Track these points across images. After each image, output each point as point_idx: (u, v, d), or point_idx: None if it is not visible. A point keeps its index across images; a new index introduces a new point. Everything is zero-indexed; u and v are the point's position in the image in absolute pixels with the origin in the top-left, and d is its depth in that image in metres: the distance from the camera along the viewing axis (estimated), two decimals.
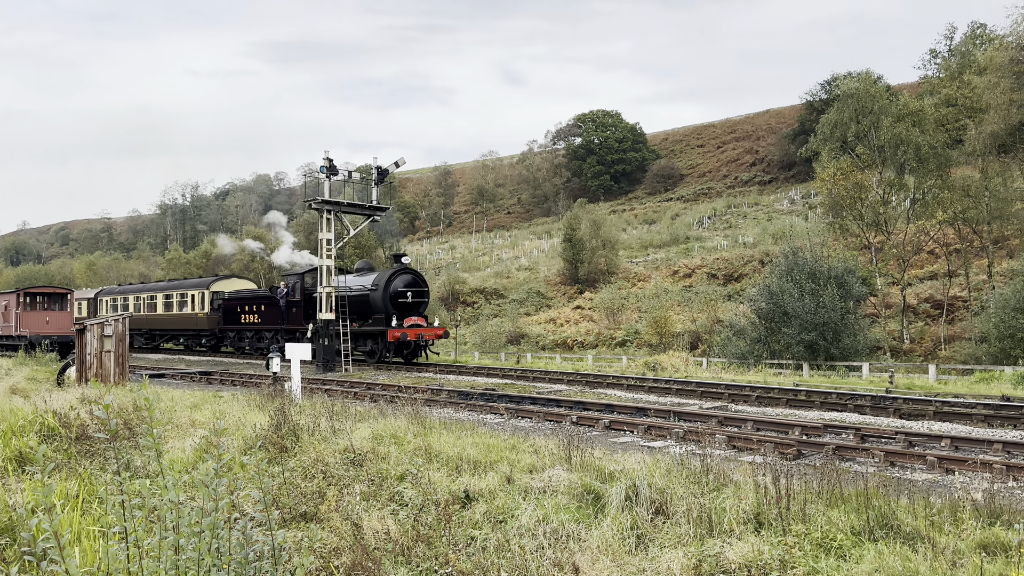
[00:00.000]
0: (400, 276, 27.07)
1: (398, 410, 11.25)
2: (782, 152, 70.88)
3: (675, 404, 15.01)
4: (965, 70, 37.59)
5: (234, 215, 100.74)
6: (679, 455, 7.83)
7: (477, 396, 16.35)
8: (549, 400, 15.46)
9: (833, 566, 4.99)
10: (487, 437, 9.86)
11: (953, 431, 10.98)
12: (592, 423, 12.70)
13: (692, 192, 74.06)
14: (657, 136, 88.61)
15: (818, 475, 6.64)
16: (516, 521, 6.45)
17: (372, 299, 26.97)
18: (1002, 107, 29.59)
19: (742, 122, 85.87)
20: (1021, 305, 22.59)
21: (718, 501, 6.22)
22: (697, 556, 5.22)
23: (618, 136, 77.98)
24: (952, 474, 8.31)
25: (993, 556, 5.13)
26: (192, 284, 39.13)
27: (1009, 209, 30.44)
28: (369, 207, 26.72)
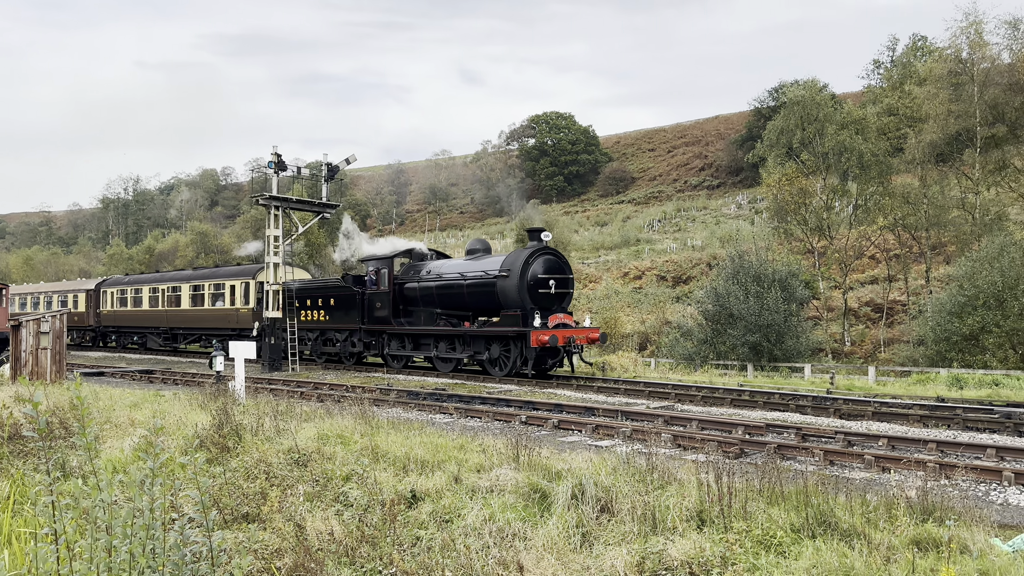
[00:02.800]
0: (540, 258, 20.47)
1: (345, 410, 11.12)
2: (730, 157, 72.17)
3: (623, 404, 15.14)
4: (906, 81, 38.79)
5: (179, 210, 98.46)
6: (625, 454, 7.90)
7: (427, 396, 16.27)
8: (499, 400, 15.46)
9: (773, 563, 5.09)
10: (436, 437, 9.81)
11: (890, 431, 11.31)
12: (541, 422, 12.73)
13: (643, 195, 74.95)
14: (610, 139, 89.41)
15: (759, 474, 6.77)
16: (462, 520, 6.42)
17: (502, 289, 20.37)
18: (940, 117, 30.59)
19: (692, 127, 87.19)
20: (956, 309, 23.38)
21: (662, 499, 6.29)
22: (641, 554, 5.26)
23: (571, 138, 78.47)
24: (888, 472, 8.55)
25: (925, 552, 5.29)
26: (230, 273, 32.06)
27: (946, 216, 31.48)
28: (319, 204, 26.36)
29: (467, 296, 21.52)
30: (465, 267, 22.08)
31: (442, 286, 22.26)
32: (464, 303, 21.83)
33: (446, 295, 22.13)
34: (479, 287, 21.13)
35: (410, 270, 23.73)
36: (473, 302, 21.53)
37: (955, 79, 30.93)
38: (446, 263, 23.12)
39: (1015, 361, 21.82)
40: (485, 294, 20.95)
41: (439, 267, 22.93)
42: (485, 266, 21.35)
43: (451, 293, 21.98)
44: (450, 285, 22.02)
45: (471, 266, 21.91)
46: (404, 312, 23.57)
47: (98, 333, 41.22)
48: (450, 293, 22.01)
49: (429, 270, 22.94)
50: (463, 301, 21.77)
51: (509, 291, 20.11)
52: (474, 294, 21.31)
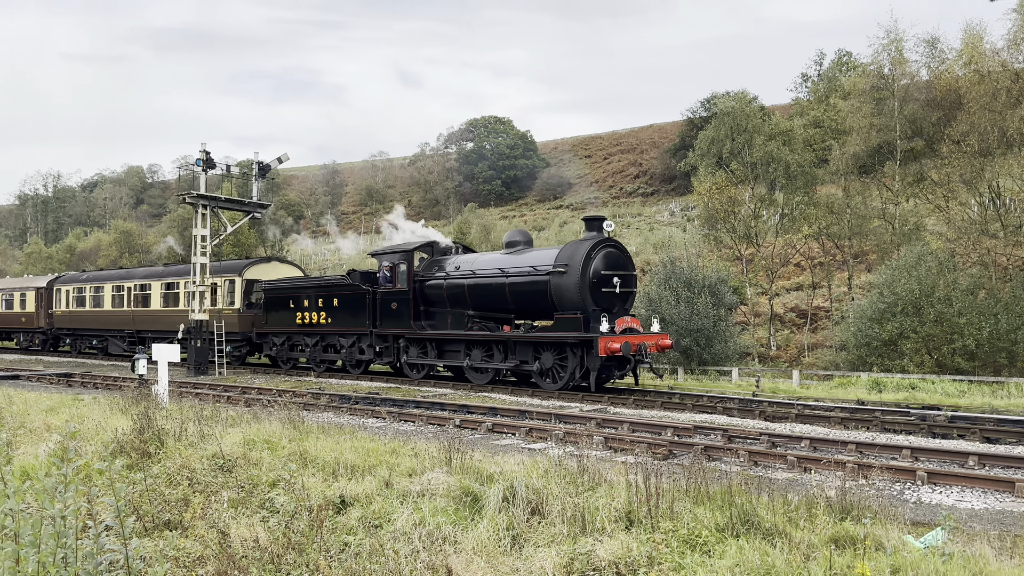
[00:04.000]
0: (602, 251, 17.59)
1: (274, 415, 10.89)
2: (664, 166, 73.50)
3: (557, 407, 15.24)
4: (831, 94, 40.19)
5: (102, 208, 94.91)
6: (558, 456, 7.95)
7: (359, 400, 16.05)
8: (433, 404, 15.37)
9: (698, 562, 5.18)
10: (367, 441, 9.71)
11: (812, 432, 11.67)
12: (475, 426, 12.71)
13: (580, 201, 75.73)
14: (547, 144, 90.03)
15: (687, 474, 6.89)
16: (392, 525, 6.36)
17: (557, 287, 17.47)
18: (863, 130, 31.76)
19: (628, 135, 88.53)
20: (876, 316, 24.28)
21: (592, 500, 6.35)
22: (570, 555, 5.30)
23: (509, 143, 78.73)
24: (810, 473, 8.82)
25: (843, 549, 5.47)
26: (213, 270, 27.45)
27: (868, 226, 32.68)
28: (249, 203, 25.78)
29: (509, 295, 18.55)
30: (506, 262, 18.93)
31: (477, 284, 19.27)
32: (504, 304, 18.89)
33: (481, 294, 19.21)
34: (525, 285, 18.20)
35: (432, 266, 20.76)
36: (516, 302, 18.65)
37: (877, 94, 32.18)
38: (480, 257, 20.26)
39: (930, 366, 22.79)
40: (533, 293, 18.09)
41: (471, 262, 19.98)
42: (532, 260, 18.33)
43: (488, 292, 19.04)
44: (487, 283, 19.02)
45: (514, 261, 18.76)
46: (425, 314, 20.72)
47: (49, 336, 36.70)
48: (487, 292, 19.08)
49: (458, 265, 19.98)
50: (503, 301, 18.82)
51: (567, 290, 17.22)
52: (519, 293, 18.39)
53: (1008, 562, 5.28)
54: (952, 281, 24.08)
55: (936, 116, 30.86)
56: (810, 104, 44.59)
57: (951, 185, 29.98)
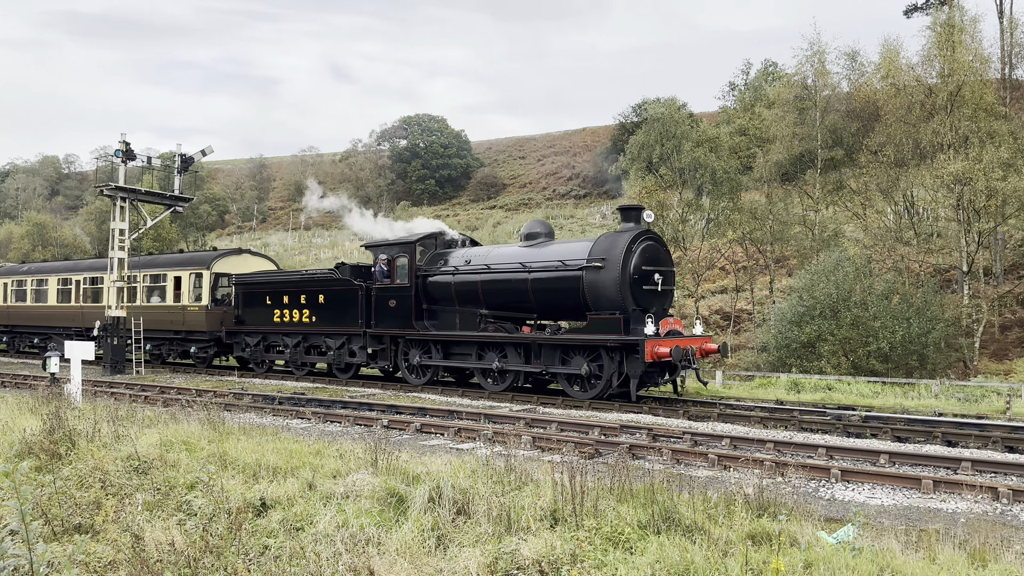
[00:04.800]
0: (642, 244, 16.00)
1: (193, 415, 10.57)
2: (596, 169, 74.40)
3: (487, 407, 15.25)
4: (757, 103, 41.41)
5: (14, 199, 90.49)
6: (485, 456, 7.95)
7: (284, 400, 15.72)
8: (361, 404, 15.18)
9: (620, 558, 5.25)
10: (290, 443, 9.52)
11: (733, 431, 11.97)
12: (404, 426, 12.61)
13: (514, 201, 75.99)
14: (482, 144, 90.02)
15: (611, 473, 6.99)
16: (314, 528, 6.24)
17: (591, 284, 15.83)
18: (786, 139, 32.81)
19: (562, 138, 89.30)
20: (796, 319, 25.10)
21: (518, 500, 6.36)
22: (494, 554, 5.29)
23: (443, 141, 78.39)
24: (730, 471, 9.05)
25: (760, 545, 5.61)
26: (175, 262, 25.91)
27: (789, 232, 33.77)
28: (170, 197, 24.94)
29: (532, 293, 16.85)
30: (527, 256, 17.18)
31: (492, 280, 17.47)
32: (525, 302, 17.18)
33: (497, 291, 17.45)
34: (552, 282, 16.51)
35: (437, 259, 18.91)
36: (541, 301, 16.95)
37: (800, 104, 33.29)
38: (494, 250, 18.43)
39: (847, 367, 23.67)
40: (561, 291, 16.40)
41: (483, 255, 18.16)
42: (561, 254, 16.63)
43: (506, 289, 17.28)
44: (505, 279, 17.24)
45: (536, 255, 17.06)
46: (428, 313, 18.94)
47: None
48: (504, 289, 17.32)
49: (468, 259, 18.21)
50: (523, 299, 17.12)
51: (604, 287, 15.59)
52: (544, 291, 16.68)
53: (913, 556, 5.51)
54: (868, 286, 25.09)
55: (855, 127, 32.14)
56: (736, 112, 45.84)
57: (868, 194, 31.29)
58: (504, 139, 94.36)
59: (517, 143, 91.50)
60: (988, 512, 7.38)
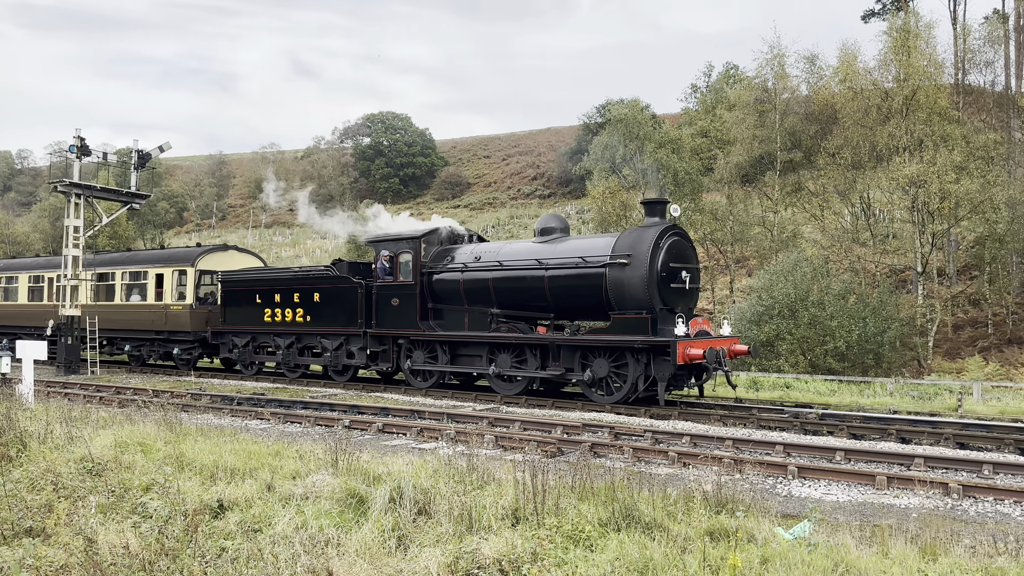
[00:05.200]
0: (670, 239, 15.21)
1: (149, 416, 10.38)
2: (561, 169, 74.67)
3: (450, 406, 15.21)
4: (718, 105, 41.91)
5: None
6: (448, 456, 7.93)
7: (243, 401, 15.51)
8: (322, 404, 15.04)
9: (580, 556, 5.27)
10: (249, 444, 9.40)
11: (693, 429, 12.10)
12: (366, 426, 12.52)
13: (478, 201, 75.92)
14: (446, 143, 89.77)
15: (573, 471, 7.02)
16: (272, 529, 6.17)
17: (615, 282, 15.00)
18: (746, 141, 33.30)
19: (526, 137, 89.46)
20: (756, 318, 25.46)
21: (480, 499, 6.36)
22: (455, 553, 5.28)
23: (407, 140, 78.00)
24: (689, 468, 9.14)
25: (717, 541, 5.68)
26: (157, 258, 24.29)
27: (749, 232, 34.26)
28: (127, 193, 24.42)
29: (549, 291, 15.99)
30: (543, 252, 16.33)
31: (505, 278, 16.57)
32: (541, 301, 16.32)
33: (511, 289, 16.55)
34: (572, 279, 15.66)
35: (443, 256, 17.89)
36: (559, 299, 16.08)
37: (760, 107, 33.80)
38: (506, 246, 17.43)
39: (804, 366, 24.08)
40: (582, 289, 15.56)
41: (494, 251, 17.26)
42: (581, 250, 15.76)
43: (520, 287, 16.40)
44: (519, 276, 16.37)
45: (553, 251, 16.20)
46: (434, 312, 17.91)
47: None
48: (518, 287, 16.43)
49: (478, 255, 17.25)
50: (539, 298, 16.25)
51: (630, 285, 14.78)
52: (563, 288, 15.83)
53: (867, 550, 5.62)
54: (825, 286, 25.55)
55: (814, 129, 32.72)
56: (698, 114, 46.32)
57: (826, 195, 31.87)
58: (469, 138, 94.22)
59: (482, 142, 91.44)
60: (939, 507, 7.56)
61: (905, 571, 5.05)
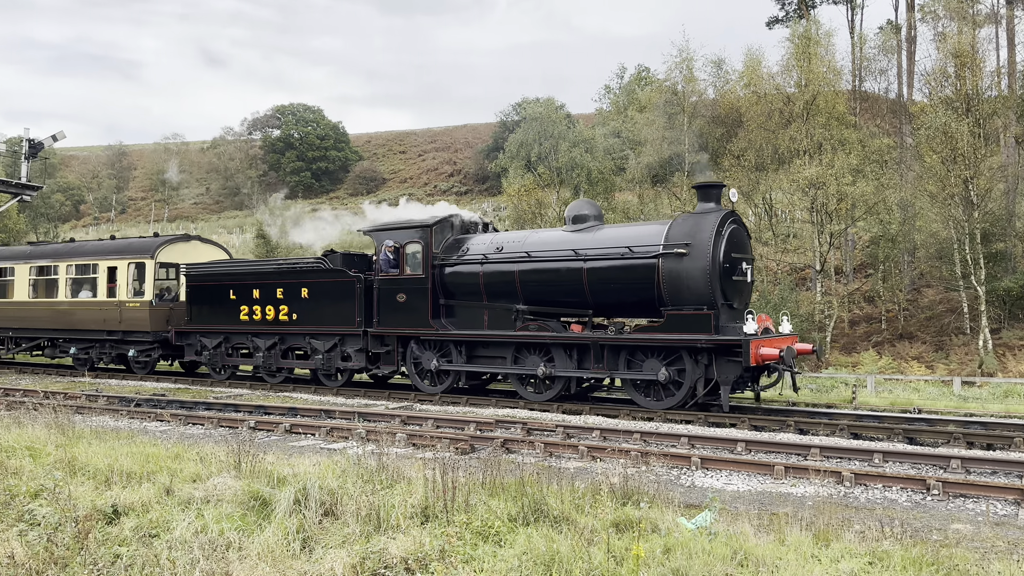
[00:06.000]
0: (730, 226, 13.80)
1: (39, 419, 9.83)
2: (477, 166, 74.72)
3: (362, 405, 15.00)
4: (630, 107, 42.79)
5: None
6: (357, 455, 7.82)
7: (143, 402, 14.88)
8: (227, 405, 14.58)
9: (489, 552, 5.29)
10: (147, 446, 9.05)
11: (603, 423, 12.32)
12: (272, 427, 12.22)
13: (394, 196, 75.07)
14: (361, 137, 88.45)
15: (483, 467, 7.03)
16: (171, 534, 5.94)
17: (670, 274, 13.52)
18: (656, 142, 34.13)
19: (443, 133, 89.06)
20: None
21: (389, 498, 6.30)
22: (362, 554, 5.22)
23: (320, 133, 76.40)
24: (598, 461, 9.30)
25: (623, 532, 5.81)
26: (111, 250, 21.87)
27: None
28: (17, 184, 23.06)
29: (588, 285, 14.36)
30: (579, 241, 14.72)
31: (535, 270, 14.93)
32: (577, 296, 14.62)
33: (541, 283, 14.95)
34: (616, 272, 14.07)
35: (455, 247, 16.18)
36: (599, 294, 14.41)
37: (670, 109, 34.70)
38: (532, 235, 15.81)
39: None
40: (629, 282, 14.00)
41: (519, 241, 15.57)
42: (624, 238, 14.19)
43: (553, 281, 14.81)
44: (552, 268, 14.75)
45: (591, 240, 14.63)
46: (446, 309, 16.21)
47: None
48: (551, 281, 14.84)
49: (500, 246, 15.59)
50: (575, 293, 14.60)
51: (689, 277, 13.32)
52: (605, 282, 14.23)
53: (765, 538, 5.84)
54: None
55: (720, 132, 33.82)
56: (611, 115, 47.16)
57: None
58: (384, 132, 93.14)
59: (398, 137, 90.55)
60: (833, 495, 7.92)
61: (800, 557, 5.27)
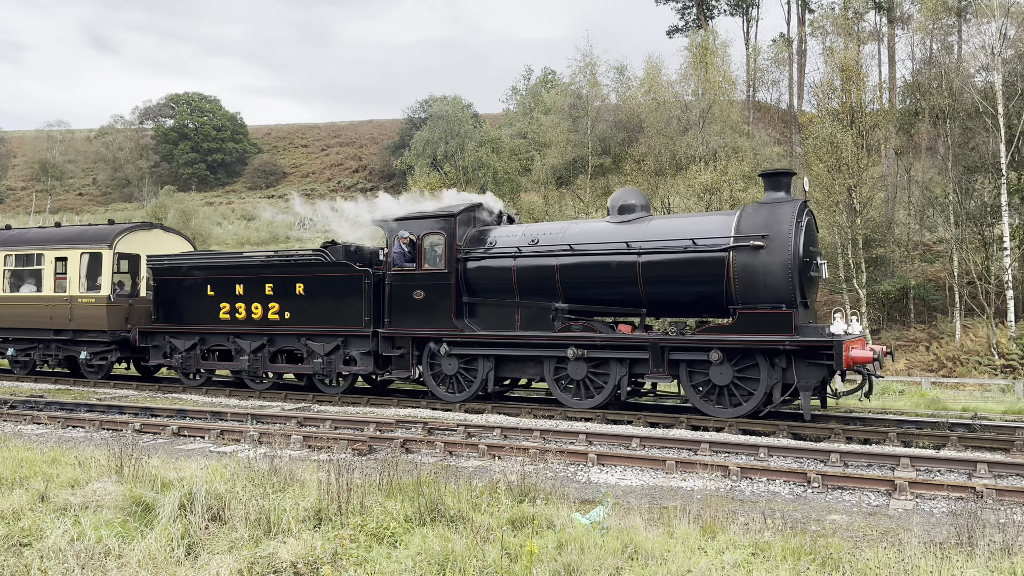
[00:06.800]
0: (806, 218, 12.71)
1: None
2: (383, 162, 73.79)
3: (256, 407, 14.57)
4: (536, 108, 43.28)
5: None
6: (248, 458, 7.59)
7: (17, 404, 13.97)
8: (111, 407, 13.86)
9: (383, 553, 5.23)
10: (21, 451, 8.52)
11: (504, 422, 12.39)
12: (159, 430, 11.71)
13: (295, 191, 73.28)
14: (260, 130, 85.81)
15: (381, 468, 6.95)
16: (44, 543, 5.60)
17: (747, 269, 12.30)
18: (561, 144, 34.65)
19: (347, 128, 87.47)
20: None
21: (280, 501, 6.15)
22: (250, 559, 5.06)
23: (216, 124, 73.63)
24: (497, 459, 9.35)
25: (519, 529, 5.85)
26: (59, 238, 19.53)
27: None
28: None
29: (643, 280, 13.09)
30: (629, 232, 13.39)
31: (579, 264, 13.65)
32: (629, 293, 13.36)
33: (587, 279, 13.66)
34: (678, 267, 12.86)
35: (478, 240, 14.79)
36: (655, 291, 13.17)
37: (574, 112, 35.29)
38: (573, 226, 14.37)
39: None
40: (692, 277, 12.83)
41: (557, 232, 14.16)
42: (685, 230, 13.03)
43: (601, 276, 13.51)
44: (600, 263, 13.46)
45: (644, 231, 13.32)
46: (469, 308, 14.74)
47: None
48: (598, 276, 13.54)
49: (535, 238, 14.20)
50: (628, 289, 13.32)
51: (766, 273, 12.16)
52: (664, 277, 12.99)
53: (655, 531, 6.01)
54: None
55: (621, 137, 34.63)
56: (517, 116, 47.56)
57: None
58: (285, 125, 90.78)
59: (299, 130, 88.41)
60: (720, 488, 8.23)
61: (687, 549, 5.45)
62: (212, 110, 74.95)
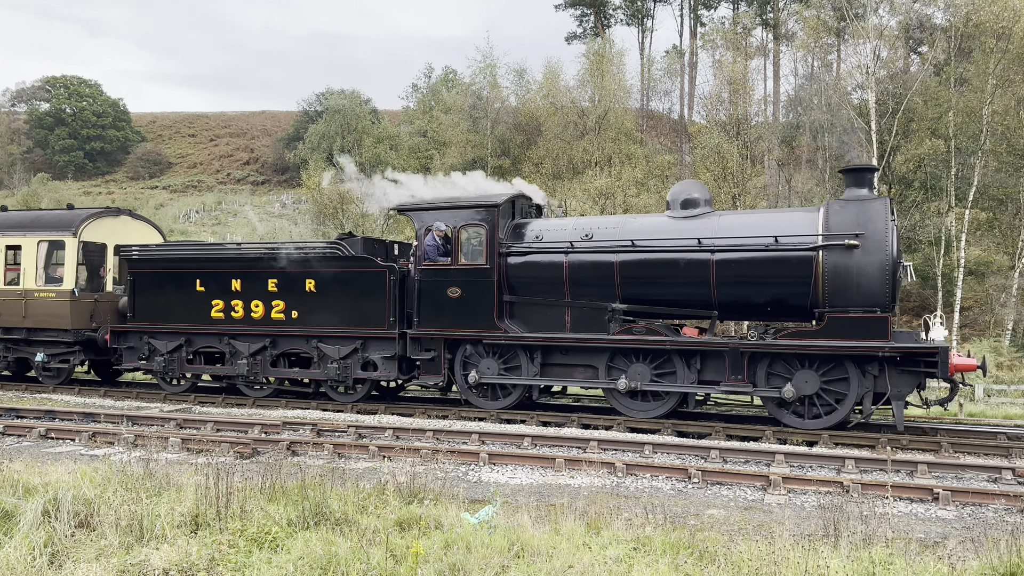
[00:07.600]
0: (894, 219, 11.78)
1: None
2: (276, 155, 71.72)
3: (133, 408, 13.88)
4: (436, 107, 43.11)
5: None
6: (122, 462, 7.24)
7: None
8: None
9: (264, 559, 5.09)
10: None
11: (396, 422, 12.27)
12: (25, 432, 10.98)
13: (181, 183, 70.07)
14: (144, 117, 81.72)
15: (263, 471, 6.76)
16: None
17: (839, 269, 11.35)
18: (460, 144, 34.65)
19: (238, 118, 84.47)
20: None
21: (155, 507, 5.88)
22: (119, 567, 4.82)
23: (97, 110, 69.60)
24: (387, 460, 9.26)
25: (406, 531, 5.81)
26: (11, 224, 17.41)
27: None
28: None
29: (716, 281, 12.09)
30: (698, 228, 12.34)
31: (642, 262, 12.51)
32: (700, 294, 12.35)
33: (650, 278, 12.57)
34: (758, 266, 11.87)
35: (519, 233, 13.48)
36: (730, 293, 12.19)
37: (474, 113, 35.37)
38: (632, 221, 13.24)
39: None
40: (774, 278, 11.87)
41: (614, 227, 13.02)
42: (765, 227, 11.98)
43: (668, 276, 12.42)
44: (667, 260, 12.37)
45: (716, 227, 12.26)
46: (509, 308, 13.38)
47: None
48: (665, 275, 12.45)
49: (588, 232, 13.04)
50: (698, 290, 12.32)
51: (861, 274, 11.27)
52: (740, 277, 11.99)
53: (542, 528, 6.10)
54: None
55: (520, 139, 34.97)
56: (417, 113, 47.24)
57: None
58: (172, 113, 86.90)
59: (187, 119, 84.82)
60: (606, 485, 8.44)
61: (572, 545, 5.55)
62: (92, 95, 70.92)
